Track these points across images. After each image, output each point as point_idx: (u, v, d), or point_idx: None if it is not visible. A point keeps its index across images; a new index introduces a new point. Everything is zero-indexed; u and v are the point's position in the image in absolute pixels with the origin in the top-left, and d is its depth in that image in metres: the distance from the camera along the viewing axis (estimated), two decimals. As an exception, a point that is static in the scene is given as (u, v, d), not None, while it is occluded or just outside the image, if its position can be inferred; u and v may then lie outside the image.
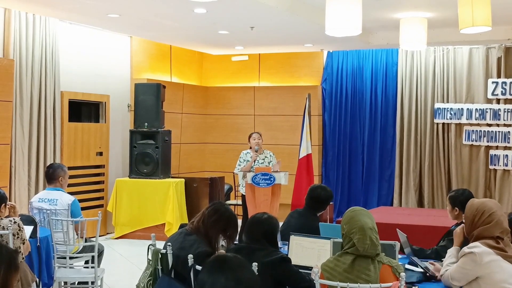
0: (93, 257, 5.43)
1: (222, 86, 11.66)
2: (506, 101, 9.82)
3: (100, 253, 5.67)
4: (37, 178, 7.94)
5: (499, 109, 9.82)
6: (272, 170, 7.69)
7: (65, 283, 5.70)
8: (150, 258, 3.94)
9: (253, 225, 3.79)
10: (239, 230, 4.17)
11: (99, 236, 5.68)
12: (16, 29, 7.66)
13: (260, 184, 7.52)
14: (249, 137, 8.10)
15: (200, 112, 11.45)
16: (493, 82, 9.85)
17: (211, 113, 11.61)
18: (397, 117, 10.47)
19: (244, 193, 7.86)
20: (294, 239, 4.23)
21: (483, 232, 3.42)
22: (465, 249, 3.42)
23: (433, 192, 10.30)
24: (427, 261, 3.96)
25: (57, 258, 5.37)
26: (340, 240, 3.34)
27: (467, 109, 10.02)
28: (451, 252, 3.62)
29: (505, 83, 9.77)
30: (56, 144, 8.24)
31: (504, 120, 9.80)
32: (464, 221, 3.64)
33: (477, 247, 3.37)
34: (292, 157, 10.03)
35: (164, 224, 8.93)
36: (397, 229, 4.42)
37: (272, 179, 7.51)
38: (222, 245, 4.04)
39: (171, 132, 9.47)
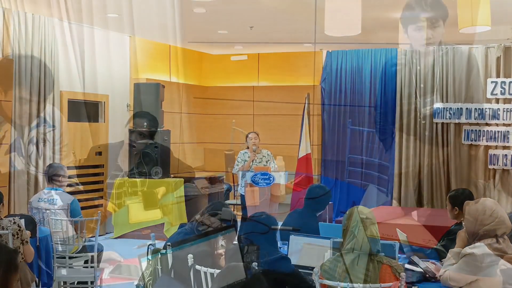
0: (92, 256, 5.43)
1: (221, 85, 11.65)
2: (505, 101, 9.80)
3: (100, 253, 5.67)
4: (36, 178, 7.93)
5: (498, 108, 9.81)
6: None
7: (65, 283, 5.69)
8: (150, 258, 3.94)
9: (251, 225, 3.79)
10: (238, 230, 4.18)
11: (99, 235, 5.67)
12: (15, 29, 7.65)
13: (260, 184, 7.52)
14: (246, 137, 8.12)
15: (199, 111, 11.45)
16: (492, 82, 9.83)
17: (211, 112, 11.60)
18: (396, 116, 10.46)
19: (243, 193, 7.85)
20: (294, 239, 4.23)
21: (487, 232, 3.42)
22: (467, 249, 3.41)
23: (432, 191, 10.28)
24: (428, 261, 3.96)
25: (57, 258, 5.36)
26: (340, 240, 3.34)
27: (466, 108, 10.00)
28: (452, 253, 3.62)
29: (504, 82, 9.76)
30: (55, 144, 8.23)
31: (503, 119, 9.78)
32: (464, 223, 3.63)
33: (478, 248, 3.36)
34: (291, 157, 10.02)
35: (163, 224, 8.93)
36: (397, 229, 4.42)
37: (271, 178, 7.50)
38: (221, 245, 4.04)
39: (170, 131, 9.46)
